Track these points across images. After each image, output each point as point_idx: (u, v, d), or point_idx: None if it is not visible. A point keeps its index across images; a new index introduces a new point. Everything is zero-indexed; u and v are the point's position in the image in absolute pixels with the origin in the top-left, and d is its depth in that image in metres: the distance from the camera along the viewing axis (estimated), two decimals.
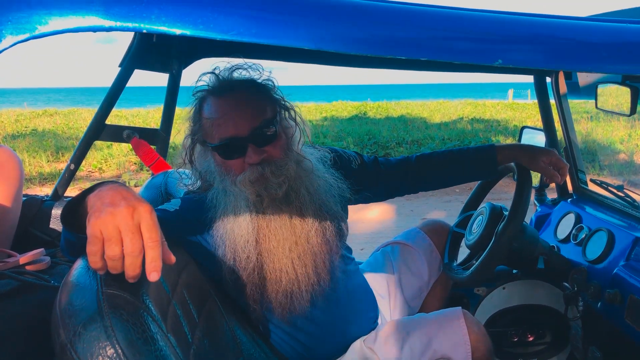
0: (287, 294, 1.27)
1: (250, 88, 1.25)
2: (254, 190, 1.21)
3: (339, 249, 1.37)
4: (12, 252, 1.19)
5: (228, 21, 0.64)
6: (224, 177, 1.24)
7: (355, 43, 0.67)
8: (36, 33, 0.62)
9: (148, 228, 0.79)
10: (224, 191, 1.26)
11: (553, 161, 1.54)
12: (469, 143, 8.75)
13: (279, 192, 1.22)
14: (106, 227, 0.77)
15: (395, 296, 1.68)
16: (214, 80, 1.25)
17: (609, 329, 1.49)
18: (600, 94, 1.61)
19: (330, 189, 1.34)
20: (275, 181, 1.21)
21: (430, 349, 1.33)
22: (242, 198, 1.24)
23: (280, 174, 1.22)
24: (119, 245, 0.77)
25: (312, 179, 1.30)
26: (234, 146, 1.20)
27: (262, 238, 1.25)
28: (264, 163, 1.20)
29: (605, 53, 0.71)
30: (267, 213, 1.25)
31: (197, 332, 1.06)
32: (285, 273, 1.26)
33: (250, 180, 1.20)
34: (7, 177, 1.48)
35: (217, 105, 1.22)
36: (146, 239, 0.78)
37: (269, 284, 1.27)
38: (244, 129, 1.18)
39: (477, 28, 0.69)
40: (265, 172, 1.20)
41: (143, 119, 11.93)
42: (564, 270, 1.67)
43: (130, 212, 0.78)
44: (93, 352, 0.71)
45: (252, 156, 1.19)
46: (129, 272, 0.78)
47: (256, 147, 1.20)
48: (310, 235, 1.28)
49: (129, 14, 0.62)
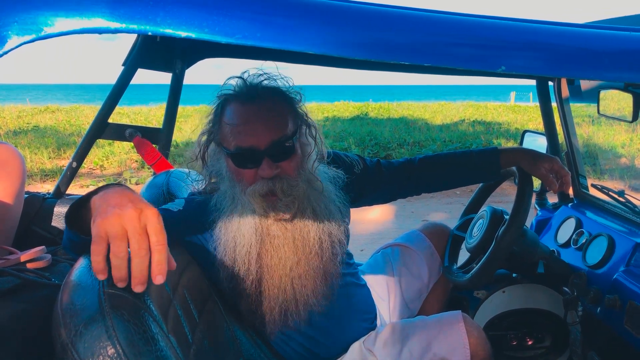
0: (282, 311, 1.27)
1: (275, 99, 1.23)
2: (262, 204, 1.20)
3: (338, 267, 1.35)
4: (13, 250, 1.20)
5: (233, 24, 0.64)
6: (235, 184, 1.23)
7: (359, 48, 0.67)
8: (42, 34, 0.62)
9: (155, 231, 0.79)
10: (232, 198, 1.24)
11: (555, 168, 1.53)
12: (471, 145, 8.75)
13: (287, 215, 1.22)
14: (112, 227, 0.77)
15: (395, 298, 1.68)
16: (241, 85, 1.23)
17: (608, 334, 1.49)
18: (602, 99, 1.61)
19: (335, 208, 1.33)
20: (284, 200, 1.20)
21: (430, 352, 1.33)
22: (249, 209, 1.22)
23: (290, 193, 1.20)
24: (124, 242, 0.77)
25: (319, 199, 1.29)
26: (249, 157, 1.18)
27: (265, 253, 1.24)
28: (275, 178, 1.19)
29: (607, 61, 0.71)
30: (271, 229, 1.24)
31: (197, 332, 1.07)
32: (283, 292, 1.25)
33: (260, 194, 1.19)
34: (10, 174, 1.49)
35: (240, 112, 1.20)
36: (153, 242, 0.78)
37: (266, 299, 1.26)
38: (262, 141, 1.17)
39: (480, 34, 0.69)
40: (276, 188, 1.19)
41: (145, 116, 11.93)
42: (563, 274, 1.67)
43: (137, 214, 0.78)
44: (94, 352, 0.71)
45: (266, 170, 1.18)
46: (135, 274, 0.77)
47: (271, 161, 1.18)
48: (311, 257, 1.27)
49: (134, 17, 0.63)
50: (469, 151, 1.62)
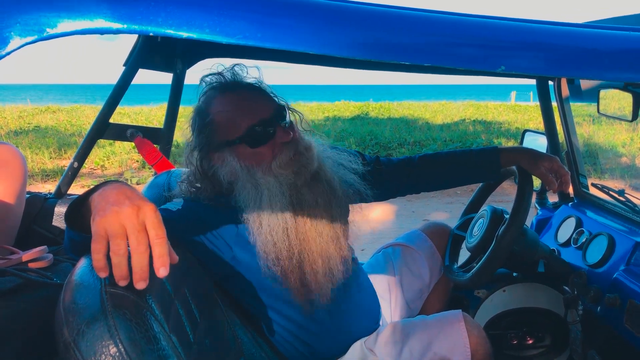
0: (325, 274, 1.28)
1: (251, 86, 1.28)
2: (292, 170, 1.22)
3: (348, 238, 1.38)
4: (14, 249, 1.20)
5: (234, 25, 0.64)
6: (254, 171, 1.22)
7: (359, 48, 0.67)
8: (44, 35, 0.62)
9: (153, 226, 0.79)
10: (255, 187, 1.23)
11: (554, 168, 1.53)
12: (471, 145, 8.75)
13: (314, 166, 1.24)
14: (111, 225, 0.78)
15: (396, 297, 1.69)
16: (221, 79, 1.27)
17: (608, 333, 1.49)
18: (602, 99, 1.62)
19: (344, 173, 1.37)
20: (307, 155, 1.23)
21: (430, 352, 1.33)
22: (277, 186, 1.22)
23: (309, 147, 1.25)
24: (124, 240, 0.77)
25: (328, 162, 1.33)
26: (263, 130, 1.20)
27: (299, 223, 1.24)
28: (293, 141, 1.22)
29: (607, 61, 0.71)
30: (302, 194, 1.25)
31: (198, 331, 1.07)
32: (320, 255, 1.26)
33: (288, 159, 1.21)
34: (11, 174, 1.49)
35: (231, 97, 1.23)
36: (152, 236, 0.79)
37: (308, 267, 1.26)
38: (266, 112, 1.20)
39: (480, 34, 0.69)
40: (299, 147, 1.22)
41: (146, 116, 11.94)
42: (564, 274, 1.67)
43: (135, 210, 0.79)
44: (96, 351, 0.71)
45: (283, 135, 1.20)
46: (136, 270, 0.78)
47: (283, 127, 1.22)
48: (335, 216, 1.30)
49: (136, 17, 0.63)
50: (469, 150, 1.62)
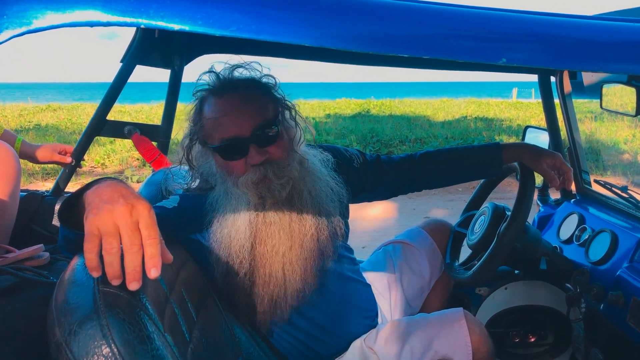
0: (272, 300, 1.26)
1: (252, 87, 1.23)
2: (256, 192, 1.19)
3: (331, 253, 1.34)
4: (10, 248, 1.18)
5: (227, 17, 0.63)
6: (226, 178, 1.22)
7: (358, 40, 0.66)
8: (32, 27, 0.61)
9: (146, 226, 0.78)
10: (225, 193, 1.24)
11: (557, 164, 1.52)
12: (473, 142, 8.73)
13: (282, 194, 1.21)
14: (104, 224, 0.76)
15: (396, 295, 1.67)
16: (215, 79, 1.23)
17: (612, 331, 1.48)
18: (605, 94, 1.60)
19: (330, 192, 1.32)
20: (278, 182, 1.19)
21: (431, 350, 1.32)
22: (243, 200, 1.22)
23: (283, 175, 1.20)
24: (117, 239, 0.76)
25: (314, 180, 1.28)
26: (235, 147, 1.18)
27: (258, 242, 1.23)
28: (266, 164, 1.18)
29: (611, 53, 0.69)
30: (267, 216, 1.23)
31: (195, 331, 1.06)
32: (274, 278, 1.25)
33: (252, 182, 1.18)
34: (4, 172, 1.48)
35: (218, 105, 1.20)
36: (145, 236, 0.77)
37: (258, 288, 1.26)
38: (245, 129, 1.16)
39: (482, 26, 0.67)
40: (268, 173, 1.18)
41: (146, 114, 11.93)
42: (566, 271, 1.66)
43: (128, 209, 0.77)
44: (88, 351, 0.70)
45: (255, 157, 1.17)
46: (129, 270, 0.76)
47: (258, 147, 1.17)
48: (306, 240, 1.26)
49: (127, 9, 0.61)
50: (471, 146, 1.61)
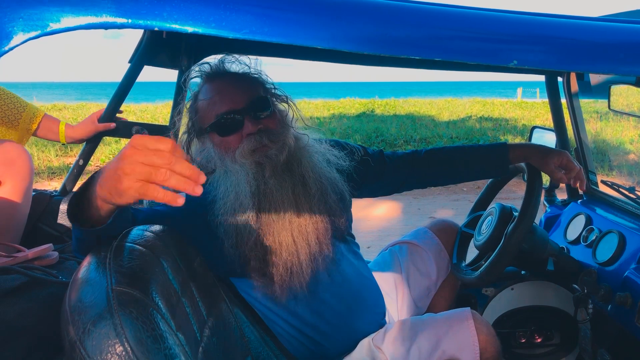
0: (287, 269, 1.27)
1: (243, 72, 1.31)
2: (253, 160, 1.23)
3: (344, 227, 1.37)
4: (20, 247, 1.20)
5: (240, 20, 0.63)
6: (224, 156, 1.25)
7: (368, 42, 0.66)
8: (47, 30, 0.61)
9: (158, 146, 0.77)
10: (225, 172, 1.26)
11: (564, 163, 1.52)
12: (478, 142, 8.71)
13: (280, 158, 1.24)
14: (137, 172, 0.76)
15: (403, 296, 1.68)
16: (207, 68, 1.30)
17: (619, 332, 1.48)
18: (613, 95, 1.60)
19: (329, 164, 1.35)
20: (274, 147, 1.23)
21: (439, 350, 1.32)
22: (243, 174, 1.24)
23: (278, 139, 1.24)
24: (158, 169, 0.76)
25: (311, 153, 1.32)
26: (230, 120, 1.23)
27: (263, 211, 1.25)
28: (261, 132, 1.23)
29: (622, 54, 0.70)
30: (268, 185, 1.25)
31: (205, 330, 1.06)
32: (285, 245, 1.26)
33: (249, 149, 1.22)
34: (18, 172, 1.49)
35: (212, 86, 1.27)
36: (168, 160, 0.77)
37: (270, 258, 1.27)
38: (239, 102, 1.22)
39: (493, 29, 0.68)
40: (263, 139, 1.22)
41: (151, 114, 11.96)
42: (573, 272, 1.65)
43: (135, 150, 0.77)
44: (102, 350, 0.71)
45: (249, 126, 1.22)
46: (180, 183, 0.78)
47: (252, 118, 1.23)
48: (313, 204, 1.28)
49: (140, 12, 0.62)
50: (478, 145, 1.61)
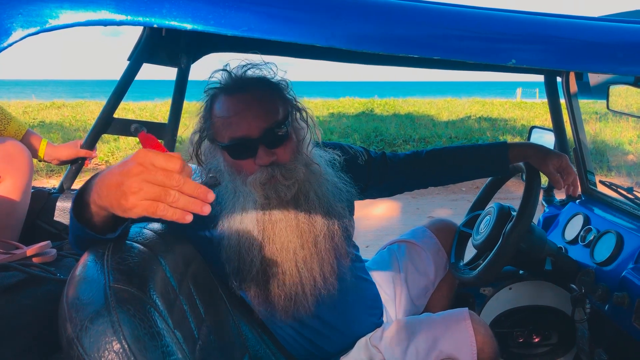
0: (290, 298, 1.26)
1: (263, 87, 1.23)
2: (263, 192, 1.20)
3: (347, 253, 1.35)
4: (19, 244, 1.20)
5: (239, 17, 0.63)
6: (235, 177, 1.23)
7: (367, 41, 0.66)
8: (47, 26, 0.61)
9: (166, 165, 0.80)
10: (234, 191, 1.25)
11: (562, 166, 1.52)
12: (477, 141, 8.71)
13: (288, 195, 1.22)
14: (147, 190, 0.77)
15: (401, 295, 1.68)
16: (227, 77, 1.24)
17: (616, 331, 1.48)
18: (611, 95, 1.60)
19: (338, 192, 1.33)
20: (285, 184, 1.20)
21: (436, 350, 1.32)
22: (251, 199, 1.22)
23: (290, 176, 1.21)
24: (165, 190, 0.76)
25: (321, 182, 1.29)
26: (244, 146, 1.19)
27: (267, 241, 1.24)
28: (273, 165, 1.19)
29: (621, 54, 0.70)
30: (273, 215, 1.24)
31: (203, 328, 1.06)
32: (289, 276, 1.25)
33: (260, 182, 1.19)
34: (18, 169, 1.49)
35: (229, 103, 1.20)
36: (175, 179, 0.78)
37: (273, 287, 1.26)
38: (255, 129, 1.17)
39: (491, 27, 0.68)
40: (276, 174, 1.19)
41: (150, 112, 11.94)
42: (571, 271, 1.66)
43: (140, 167, 0.80)
44: (99, 347, 0.71)
45: (263, 157, 1.18)
46: (188, 204, 0.76)
47: (267, 148, 1.18)
48: (318, 240, 1.27)
49: (140, 8, 0.62)
50: (478, 145, 1.62)
